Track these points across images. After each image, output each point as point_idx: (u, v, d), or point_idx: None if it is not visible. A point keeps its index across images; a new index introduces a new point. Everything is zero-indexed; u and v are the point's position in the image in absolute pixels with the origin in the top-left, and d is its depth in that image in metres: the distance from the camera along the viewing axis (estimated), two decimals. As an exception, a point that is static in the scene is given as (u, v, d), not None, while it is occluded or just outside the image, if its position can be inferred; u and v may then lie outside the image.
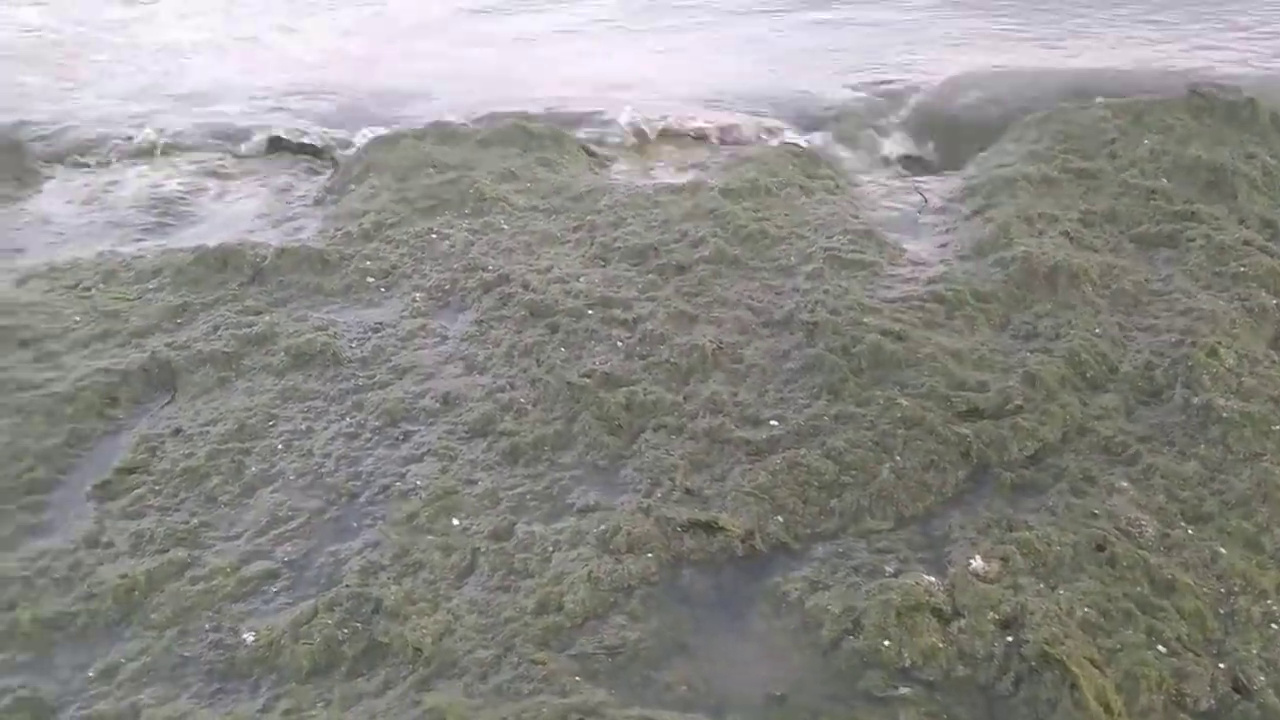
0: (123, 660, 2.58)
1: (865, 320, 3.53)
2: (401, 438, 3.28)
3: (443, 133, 5.37)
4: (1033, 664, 2.39)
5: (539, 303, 3.82)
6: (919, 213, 4.57)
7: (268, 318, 3.90)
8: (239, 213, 5.16)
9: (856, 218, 4.36)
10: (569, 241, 4.32)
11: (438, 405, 3.39)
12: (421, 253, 4.33)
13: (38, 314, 3.98)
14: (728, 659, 2.52)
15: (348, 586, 2.71)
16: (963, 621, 2.50)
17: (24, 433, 3.32)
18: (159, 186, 5.44)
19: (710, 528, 2.82)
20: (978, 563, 2.67)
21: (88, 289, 4.17)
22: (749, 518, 2.86)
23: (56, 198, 5.33)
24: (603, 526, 2.84)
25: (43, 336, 3.83)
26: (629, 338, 3.62)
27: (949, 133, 5.54)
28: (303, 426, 3.34)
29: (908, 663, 2.44)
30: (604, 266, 4.09)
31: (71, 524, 3.01)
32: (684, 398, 3.33)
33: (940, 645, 2.46)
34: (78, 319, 3.94)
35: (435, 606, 2.64)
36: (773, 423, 3.21)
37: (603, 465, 3.12)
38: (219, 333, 3.81)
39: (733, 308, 3.76)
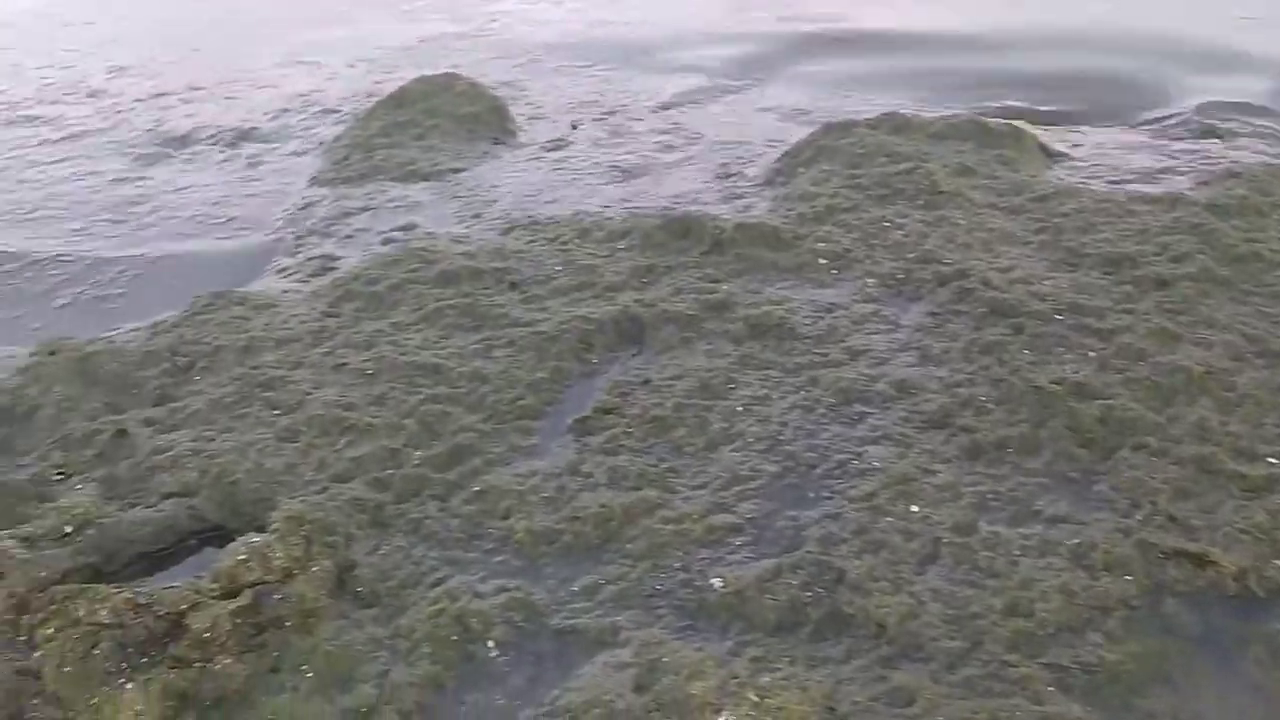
0: (602, 582, 2.79)
1: (1393, 363, 3.14)
2: (856, 418, 3.31)
3: (895, 123, 5.34)
4: None
5: (1001, 301, 3.71)
6: None
7: (726, 286, 4.07)
8: (689, 187, 5.41)
9: (1375, 249, 3.87)
10: (1031, 243, 4.16)
11: (892, 391, 3.39)
12: (874, 239, 4.34)
13: (524, 261, 4.40)
14: (1218, 699, 2.34)
15: (810, 552, 2.77)
16: None
17: (516, 364, 3.68)
18: (620, 157, 5.84)
19: (1199, 560, 2.62)
20: None
21: (565, 243, 4.55)
22: (1244, 556, 2.63)
23: (533, 158, 5.86)
24: (1076, 540, 2.72)
25: (529, 281, 4.23)
26: (1103, 349, 3.43)
27: None
28: (760, 393, 3.46)
29: None
30: (1072, 272, 3.90)
31: (555, 451, 3.31)
32: (1167, 419, 3.11)
33: None
34: (558, 269, 4.31)
35: (897, 588, 2.65)
36: (1271, 460, 2.93)
37: (1073, 477, 2.98)
38: (682, 295, 4.02)
39: (1223, 331, 3.46)
